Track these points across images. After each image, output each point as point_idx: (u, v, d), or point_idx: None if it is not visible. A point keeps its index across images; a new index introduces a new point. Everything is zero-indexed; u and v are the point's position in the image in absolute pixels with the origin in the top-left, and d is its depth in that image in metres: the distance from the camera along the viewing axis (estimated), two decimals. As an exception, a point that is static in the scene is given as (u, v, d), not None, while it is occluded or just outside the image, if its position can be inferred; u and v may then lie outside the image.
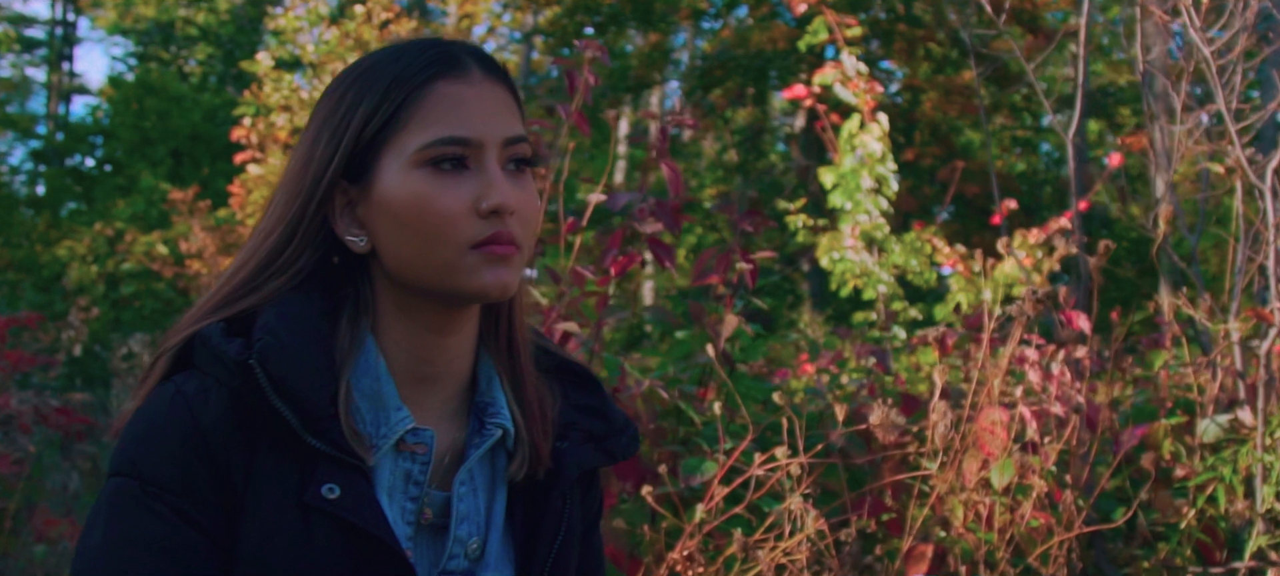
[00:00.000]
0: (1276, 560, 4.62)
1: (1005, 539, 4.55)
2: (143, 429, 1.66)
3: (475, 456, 1.78)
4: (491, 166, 1.68)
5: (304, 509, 1.63)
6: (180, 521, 1.61)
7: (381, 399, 1.72)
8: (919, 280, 8.72)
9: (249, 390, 1.63)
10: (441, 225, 1.66)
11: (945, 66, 14.67)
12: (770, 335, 6.83)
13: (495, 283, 1.68)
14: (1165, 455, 4.92)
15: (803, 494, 4.05)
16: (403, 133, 1.67)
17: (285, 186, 1.73)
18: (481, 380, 1.83)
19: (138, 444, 1.64)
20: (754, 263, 4.92)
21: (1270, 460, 4.62)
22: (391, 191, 1.67)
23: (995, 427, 4.71)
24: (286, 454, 1.65)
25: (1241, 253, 5.06)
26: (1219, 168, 5.18)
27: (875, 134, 8.47)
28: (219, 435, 1.63)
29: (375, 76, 1.71)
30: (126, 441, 1.65)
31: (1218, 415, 4.91)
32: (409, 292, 1.72)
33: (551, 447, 1.84)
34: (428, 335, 1.75)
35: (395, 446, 1.72)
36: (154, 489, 1.61)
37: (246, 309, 1.71)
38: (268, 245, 1.74)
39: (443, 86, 1.68)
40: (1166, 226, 4.73)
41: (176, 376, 1.69)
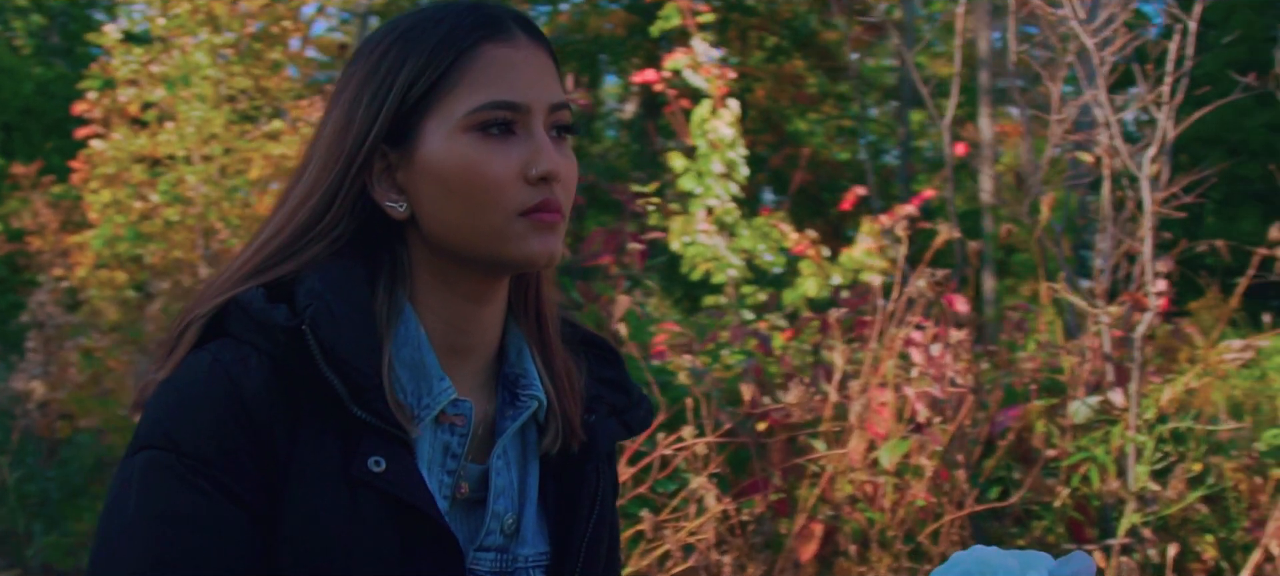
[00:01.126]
0: (1149, 537, 4.80)
1: (896, 518, 4.64)
2: (176, 399, 1.57)
3: (513, 428, 1.74)
4: (539, 132, 1.64)
5: (350, 482, 1.57)
6: (222, 497, 1.54)
7: (424, 369, 1.66)
8: (769, 266, 8.82)
9: (294, 358, 1.56)
10: (490, 191, 1.61)
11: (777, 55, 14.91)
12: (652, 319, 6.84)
13: (543, 250, 1.64)
14: (1038, 435, 5.08)
15: (711, 475, 4.10)
16: (450, 96, 1.62)
17: (323, 150, 1.66)
18: (511, 351, 1.79)
19: (173, 415, 1.55)
20: (644, 243, 4.94)
21: (1143, 440, 4.80)
22: (438, 156, 1.62)
23: (882, 408, 4.81)
24: (329, 425, 1.58)
25: (1108, 240, 5.24)
26: (1088, 157, 5.35)
27: (726, 119, 8.54)
28: (261, 405, 1.55)
29: (419, 37, 1.65)
30: (158, 412, 1.57)
31: (1087, 397, 5.08)
32: (449, 260, 1.67)
33: (582, 420, 1.82)
34: (465, 304, 1.70)
35: (435, 418, 1.68)
36: (193, 462, 1.52)
37: (283, 276, 1.66)
38: (306, 210, 1.67)
39: (491, 49, 1.64)
40: (1048, 213, 4.88)
41: (209, 344, 1.62)
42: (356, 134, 1.64)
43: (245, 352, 1.57)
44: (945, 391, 4.80)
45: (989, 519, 5.12)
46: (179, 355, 1.62)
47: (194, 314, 1.64)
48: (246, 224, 8.00)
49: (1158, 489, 4.82)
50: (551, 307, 1.83)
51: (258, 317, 1.58)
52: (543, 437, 1.78)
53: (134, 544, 1.53)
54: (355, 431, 1.57)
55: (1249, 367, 5.15)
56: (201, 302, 1.65)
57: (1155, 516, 4.82)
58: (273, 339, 1.57)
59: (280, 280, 1.63)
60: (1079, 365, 5.11)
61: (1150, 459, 4.78)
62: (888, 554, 4.62)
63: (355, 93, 1.65)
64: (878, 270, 8.00)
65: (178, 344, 1.63)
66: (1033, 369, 5.30)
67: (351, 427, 1.57)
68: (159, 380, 1.60)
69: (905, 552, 4.64)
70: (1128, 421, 4.86)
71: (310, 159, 1.69)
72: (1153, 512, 4.82)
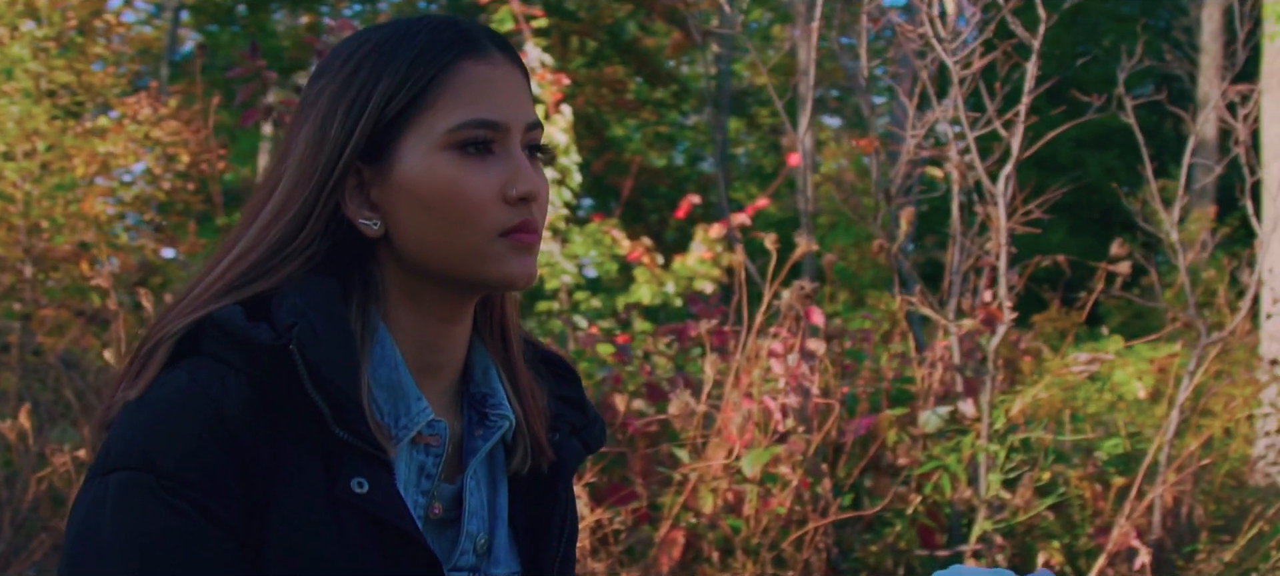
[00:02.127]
0: (1001, 543, 4.94)
1: (759, 526, 4.69)
2: (153, 419, 1.51)
3: (486, 448, 1.73)
4: (517, 152, 1.62)
5: (334, 503, 1.53)
6: (205, 519, 1.49)
7: (401, 389, 1.64)
8: (602, 271, 8.85)
9: (275, 378, 1.52)
10: (470, 210, 1.59)
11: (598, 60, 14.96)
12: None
13: (522, 271, 1.63)
14: (889, 444, 5.19)
15: (586, 484, 4.08)
16: (429, 113, 1.59)
17: (295, 166, 1.62)
18: (476, 370, 1.77)
19: (150, 435, 1.49)
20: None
21: (995, 449, 4.93)
22: (416, 174, 1.59)
23: (743, 418, 4.86)
24: (311, 446, 1.54)
25: (956, 253, 5.37)
26: (938, 172, 5.47)
27: (560, 126, 8.55)
28: (243, 426, 1.50)
29: (394, 51, 1.62)
30: (133, 432, 1.51)
31: (938, 407, 5.21)
32: (423, 279, 1.64)
33: (548, 440, 1.81)
34: (437, 323, 1.68)
35: (412, 438, 1.66)
36: (174, 483, 1.47)
37: (258, 294, 1.61)
38: (280, 227, 1.62)
39: (470, 66, 1.61)
40: (908, 226, 4.98)
41: (183, 363, 1.57)
42: (331, 150, 1.60)
43: (222, 372, 1.53)
44: (814, 401, 4.87)
45: (841, 526, 5.20)
46: (150, 374, 1.56)
47: (163, 332, 1.59)
48: (71, 222, 7.76)
49: (1008, 496, 4.96)
50: (516, 326, 1.82)
51: (238, 336, 1.53)
52: (511, 457, 1.76)
53: (113, 568, 1.48)
54: (336, 452, 1.54)
55: (1092, 379, 5.32)
56: (169, 321, 1.60)
57: (1006, 523, 4.96)
58: (254, 358, 1.53)
59: (256, 298, 1.59)
60: (929, 376, 5.23)
61: (1002, 468, 4.92)
62: (752, 561, 4.67)
63: (327, 107, 1.61)
64: (712, 278, 8.11)
65: (147, 363, 1.57)
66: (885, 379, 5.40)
67: (333, 449, 1.54)
68: (129, 399, 1.54)
69: (769, 559, 4.70)
70: (979, 431, 4.99)
71: (280, 174, 1.64)
72: (1003, 519, 4.96)
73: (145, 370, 1.56)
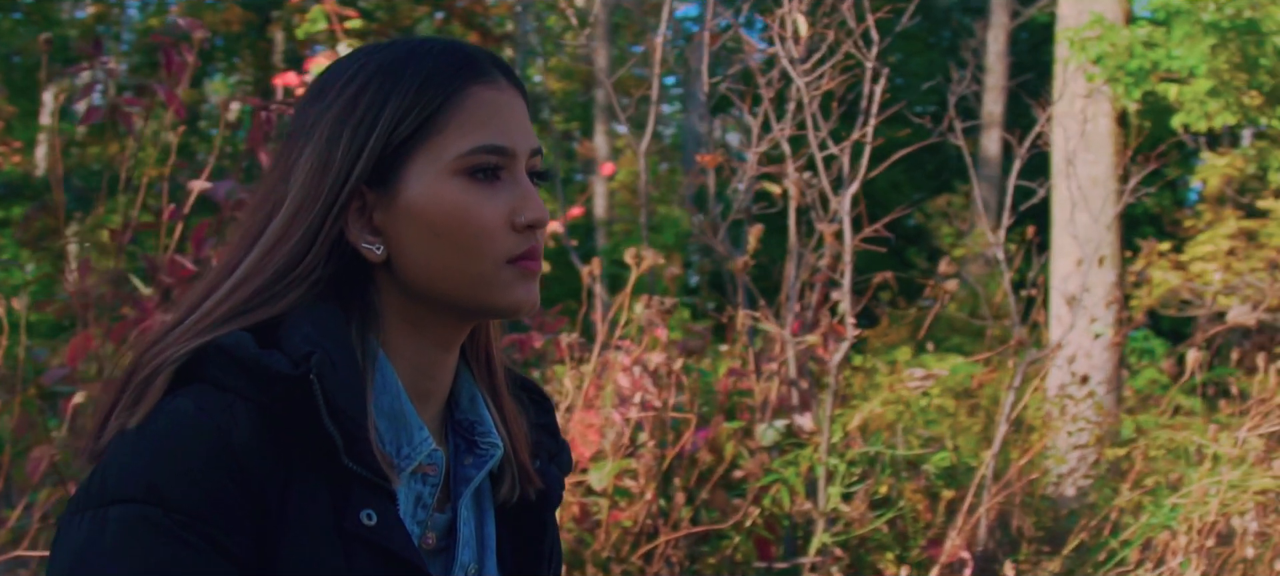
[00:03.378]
0: (839, 555, 5.03)
1: (609, 540, 4.69)
2: (157, 449, 1.44)
3: (480, 478, 1.71)
4: (524, 178, 1.61)
5: (344, 536, 1.49)
6: (214, 552, 1.43)
7: (403, 418, 1.60)
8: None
9: (287, 408, 1.47)
10: (479, 237, 1.56)
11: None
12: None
13: (528, 299, 1.62)
14: (727, 457, 5.24)
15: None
16: (438, 137, 1.56)
17: (299, 190, 1.57)
18: (463, 397, 1.74)
19: (154, 466, 1.42)
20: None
21: (835, 463, 5.02)
22: (425, 199, 1.56)
23: (589, 430, 4.85)
24: (319, 477, 1.49)
25: (793, 268, 5.46)
26: (775, 188, 5.55)
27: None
28: (252, 457, 1.45)
29: (400, 75, 1.58)
30: (135, 462, 1.43)
31: (775, 420, 5.28)
32: (423, 305, 1.61)
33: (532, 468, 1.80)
34: (434, 350, 1.65)
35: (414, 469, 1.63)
36: (182, 517, 1.41)
37: (263, 320, 1.56)
38: (284, 252, 1.57)
39: (479, 91, 1.59)
40: (756, 243, 5.04)
41: (184, 391, 1.50)
42: (337, 173, 1.56)
43: (229, 401, 1.47)
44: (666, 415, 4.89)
45: (695, 540, 5.23)
46: (149, 403, 1.49)
47: (161, 359, 1.52)
48: None
49: (846, 509, 5.05)
50: (499, 353, 1.81)
51: (248, 364, 1.48)
52: (499, 486, 1.75)
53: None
54: (344, 484, 1.51)
55: (925, 395, 5.46)
56: (167, 347, 1.54)
57: (846, 536, 5.05)
58: (266, 387, 1.48)
59: (261, 325, 1.54)
60: (767, 390, 5.30)
61: (842, 481, 5.01)
62: (602, 574, 4.67)
63: (331, 130, 1.57)
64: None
65: (145, 391, 1.50)
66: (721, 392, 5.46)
67: (340, 480, 1.50)
68: (127, 428, 1.47)
69: (618, 573, 4.70)
70: (818, 444, 5.08)
71: (279, 197, 1.59)
72: (842, 532, 5.05)
73: (143, 398, 1.49)
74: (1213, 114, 9.35)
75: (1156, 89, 9.50)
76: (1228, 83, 9.24)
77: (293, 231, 1.55)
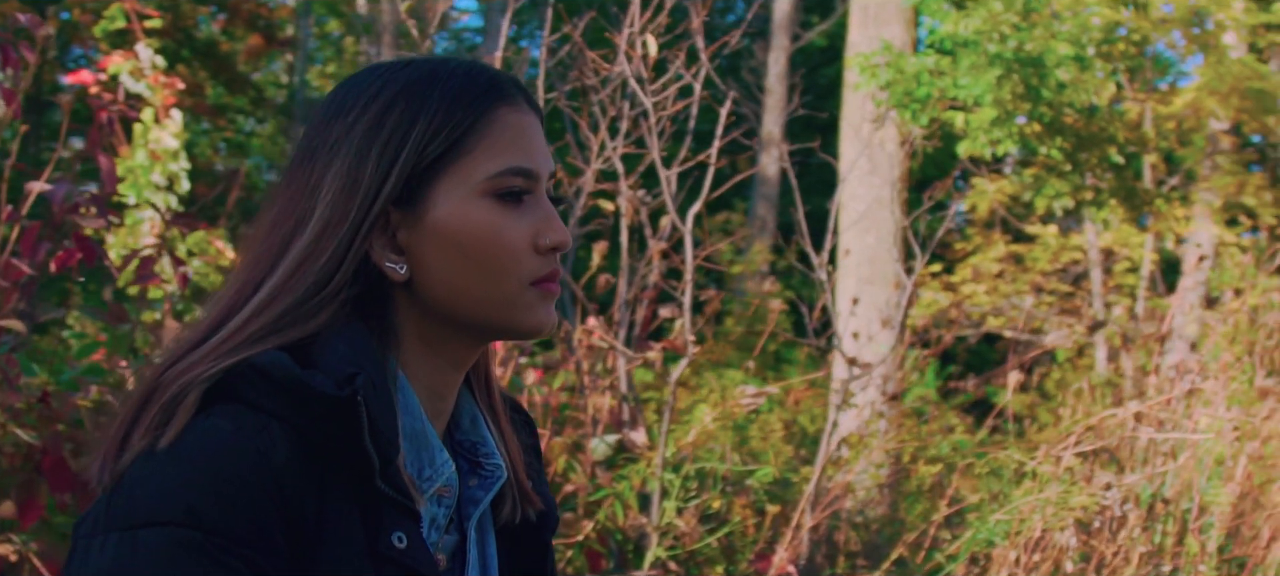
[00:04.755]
0: (675, 569, 5.07)
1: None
2: (194, 471, 1.40)
3: (487, 499, 1.71)
4: (546, 201, 1.63)
5: (377, 559, 1.48)
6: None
7: (425, 439, 1.60)
8: (206, 282, 8.56)
9: (325, 430, 1.46)
10: (505, 259, 1.57)
11: (176, 63, 14.26)
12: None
13: (548, 321, 1.63)
14: (560, 471, 5.25)
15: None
16: (467, 159, 1.56)
17: (326, 207, 1.54)
18: (464, 417, 1.74)
19: (193, 488, 1.38)
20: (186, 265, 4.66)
21: (670, 478, 5.07)
22: (454, 220, 1.56)
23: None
24: (352, 500, 1.48)
25: (624, 284, 5.50)
26: (609, 205, 5.58)
27: (171, 129, 8.27)
28: (292, 479, 1.42)
29: (427, 94, 1.58)
30: (170, 484, 1.39)
31: (606, 434, 5.31)
32: (443, 325, 1.60)
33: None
34: (448, 370, 1.64)
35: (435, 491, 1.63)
36: (222, 541, 1.37)
37: (296, 340, 1.53)
38: (314, 270, 1.54)
39: (506, 113, 1.60)
40: (600, 260, 5.05)
41: (218, 410, 1.46)
42: (366, 192, 1.55)
43: (264, 421, 1.45)
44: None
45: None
46: (180, 423, 1.45)
47: (190, 377, 1.48)
48: None
49: (679, 524, 5.10)
50: (496, 374, 1.81)
51: (289, 385, 1.46)
52: (499, 508, 1.74)
53: None
54: (376, 506, 1.50)
55: (756, 412, 5.55)
56: (193, 366, 1.50)
57: (678, 550, 5.10)
58: (305, 409, 1.46)
59: (290, 345, 1.51)
60: (599, 405, 5.33)
61: (676, 496, 5.06)
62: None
63: (360, 147, 1.56)
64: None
65: (174, 411, 1.46)
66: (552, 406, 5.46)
67: (371, 502, 1.49)
68: (158, 449, 1.43)
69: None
70: (649, 459, 5.12)
71: (303, 214, 1.56)
72: (674, 547, 5.10)
73: (173, 418, 1.45)
74: (996, 142, 9.72)
75: (942, 116, 9.83)
76: (1011, 112, 9.62)
77: (322, 249, 1.53)
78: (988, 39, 9.57)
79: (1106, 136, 10.33)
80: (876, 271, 9.94)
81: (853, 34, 10.65)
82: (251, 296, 1.53)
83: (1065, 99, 9.69)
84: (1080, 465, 4.95)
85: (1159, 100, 12.45)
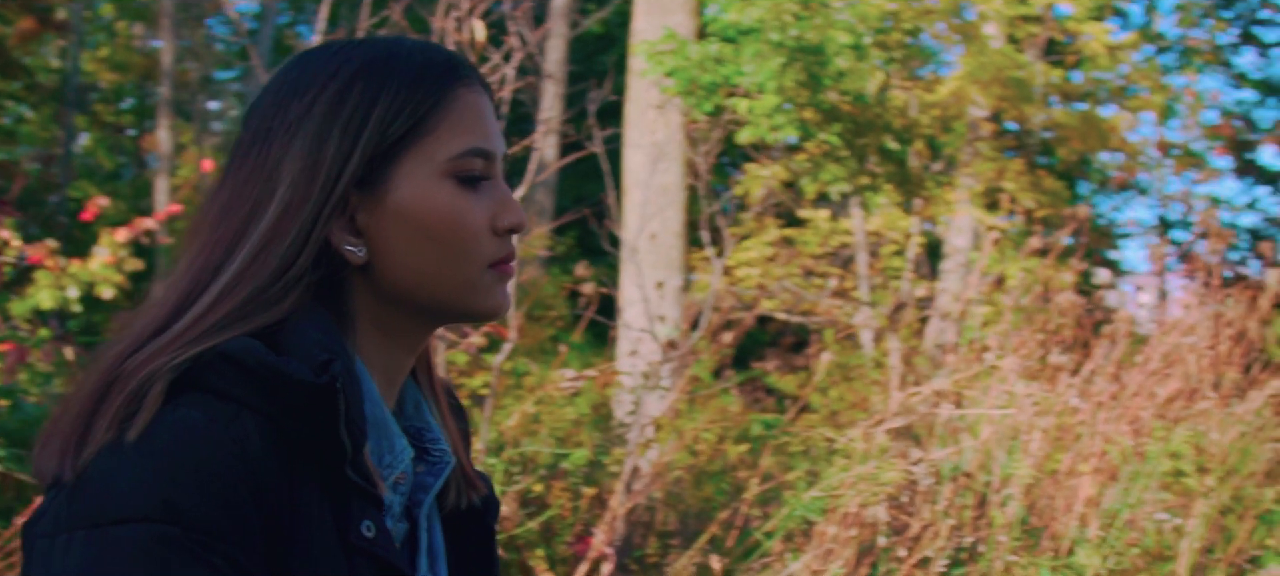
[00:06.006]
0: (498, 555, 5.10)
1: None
2: (170, 464, 1.34)
3: (438, 485, 1.71)
4: (502, 183, 1.62)
5: (348, 549, 1.46)
6: (236, 574, 1.41)
7: (385, 426, 1.57)
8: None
9: (298, 418, 1.44)
10: (468, 240, 1.54)
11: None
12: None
13: (505, 303, 1.61)
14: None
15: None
16: (429, 139, 1.54)
17: (288, 188, 1.52)
18: (408, 403, 1.73)
19: (170, 482, 1.33)
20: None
21: (493, 463, 5.10)
22: (417, 202, 1.53)
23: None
24: (322, 489, 1.45)
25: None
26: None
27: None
28: (267, 471, 1.39)
29: (386, 73, 1.55)
30: (145, 479, 1.33)
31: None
32: (398, 309, 1.58)
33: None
34: (401, 355, 1.62)
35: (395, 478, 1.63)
36: (203, 536, 1.33)
37: (263, 325, 1.52)
38: (277, 253, 1.50)
39: (466, 94, 1.57)
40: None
41: (186, 400, 1.41)
42: (329, 172, 1.52)
43: (235, 411, 1.41)
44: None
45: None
46: (147, 414, 1.40)
47: (153, 367, 1.43)
48: None
49: (504, 509, 5.14)
50: (435, 359, 1.80)
51: (263, 372, 1.43)
52: (444, 494, 1.73)
53: None
54: (343, 494, 1.47)
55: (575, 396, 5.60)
56: (155, 355, 1.45)
57: (501, 536, 5.13)
58: (279, 397, 1.43)
59: (257, 332, 1.49)
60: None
61: (501, 481, 5.09)
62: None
63: (319, 128, 1.52)
64: (113, 283, 7.74)
65: (139, 402, 1.41)
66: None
67: (339, 491, 1.47)
68: (126, 442, 1.38)
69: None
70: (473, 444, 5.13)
71: (261, 197, 1.52)
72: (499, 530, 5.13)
73: (141, 410, 1.39)
74: (778, 128, 9.96)
75: (726, 103, 10.02)
76: (793, 100, 9.87)
77: (285, 231, 1.50)
78: (770, 28, 9.79)
79: (882, 123, 10.66)
80: (661, 257, 10.07)
81: (638, 21, 10.74)
82: (210, 282, 1.49)
83: (844, 87, 9.98)
84: (889, 442, 5.14)
85: (924, 88, 12.87)
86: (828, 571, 4.75)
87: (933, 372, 6.62)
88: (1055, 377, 5.59)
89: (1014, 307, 5.99)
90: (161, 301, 1.51)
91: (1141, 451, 5.15)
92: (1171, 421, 5.28)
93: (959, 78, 12.38)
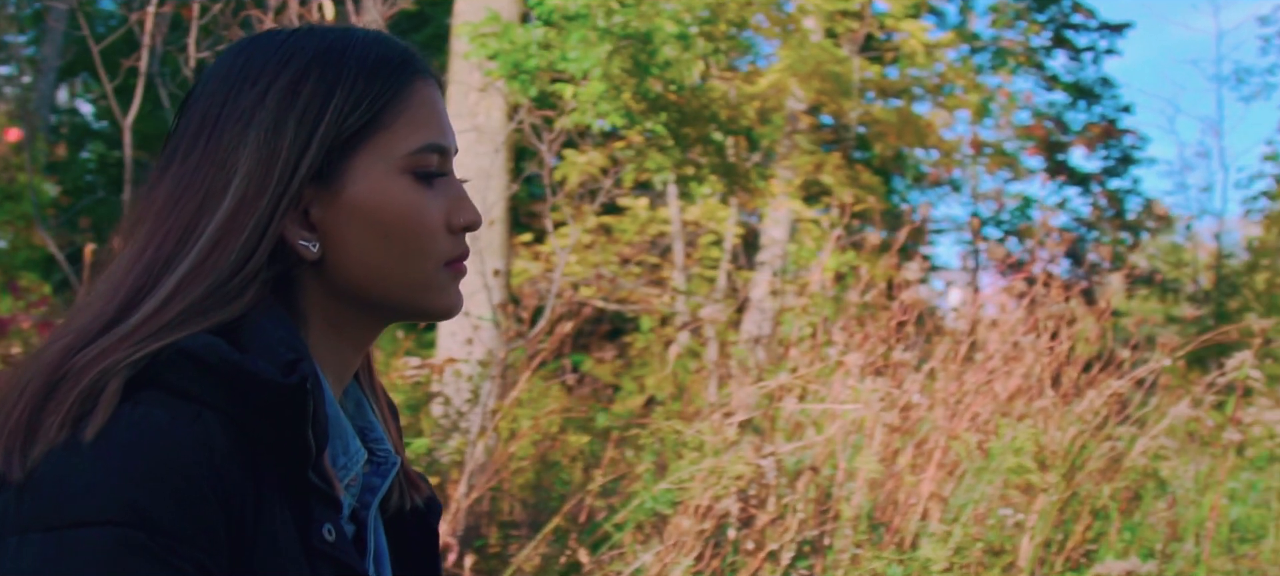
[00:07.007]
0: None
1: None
2: (133, 465, 1.27)
3: (384, 487, 1.65)
4: (455, 180, 1.59)
5: (310, 553, 1.40)
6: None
7: (340, 427, 1.54)
8: None
9: (262, 419, 1.36)
10: (424, 238, 1.51)
11: None
12: None
13: (458, 302, 1.58)
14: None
15: None
16: (386, 133, 1.49)
17: (243, 181, 1.43)
18: (349, 402, 1.67)
19: (132, 484, 1.26)
20: None
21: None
22: (373, 197, 1.49)
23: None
24: (283, 492, 1.39)
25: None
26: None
27: None
28: (231, 472, 1.33)
29: (340, 64, 1.49)
30: (106, 481, 1.26)
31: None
32: (353, 306, 1.53)
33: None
34: (350, 353, 1.58)
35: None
36: (169, 540, 1.26)
37: (221, 322, 1.43)
38: (234, 248, 1.42)
39: (422, 87, 1.53)
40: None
41: (142, 400, 1.32)
42: (284, 165, 1.46)
43: (196, 410, 1.34)
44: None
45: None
46: (104, 414, 1.32)
47: (106, 364, 1.35)
48: None
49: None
50: (374, 358, 1.76)
51: (229, 372, 1.36)
52: (388, 496, 1.68)
53: None
54: (303, 497, 1.42)
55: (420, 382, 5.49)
56: (108, 351, 1.36)
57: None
58: (243, 396, 1.37)
59: (216, 328, 1.41)
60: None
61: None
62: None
63: (274, 118, 1.47)
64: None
65: (93, 401, 1.33)
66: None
67: (300, 494, 1.42)
68: (82, 442, 1.29)
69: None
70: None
71: (213, 188, 1.45)
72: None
73: (96, 408, 1.31)
74: (604, 115, 9.89)
75: (550, 89, 9.93)
76: (619, 88, 9.82)
77: (240, 225, 1.43)
78: (597, 13, 9.73)
79: (708, 114, 10.71)
80: (482, 242, 9.95)
81: (460, 3, 10.60)
82: (162, 276, 1.41)
83: (670, 76, 9.97)
84: (738, 436, 5.13)
85: (743, 80, 12.98)
86: (679, 563, 4.72)
87: (769, 367, 6.66)
88: (898, 374, 5.66)
89: (859, 304, 6.05)
90: (107, 295, 1.43)
91: (985, 447, 5.23)
92: (1015, 419, 5.38)
93: (778, 70, 12.52)
